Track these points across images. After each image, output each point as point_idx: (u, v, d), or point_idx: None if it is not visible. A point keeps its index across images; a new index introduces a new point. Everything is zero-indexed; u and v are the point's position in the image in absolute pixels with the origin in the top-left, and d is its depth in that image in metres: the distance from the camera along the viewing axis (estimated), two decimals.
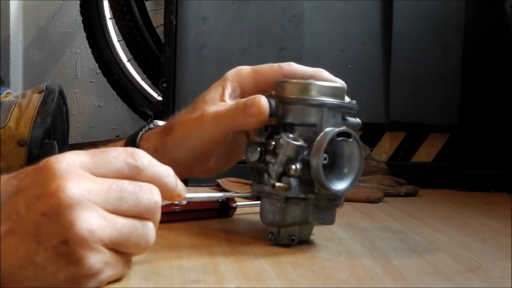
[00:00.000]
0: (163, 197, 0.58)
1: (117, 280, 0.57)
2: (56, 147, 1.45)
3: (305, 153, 0.70)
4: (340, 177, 0.71)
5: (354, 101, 0.76)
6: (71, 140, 1.83)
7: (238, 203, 0.93)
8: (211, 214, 0.90)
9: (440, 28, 1.43)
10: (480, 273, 0.66)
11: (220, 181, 1.20)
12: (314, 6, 1.43)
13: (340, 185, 0.71)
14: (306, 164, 0.69)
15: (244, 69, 0.81)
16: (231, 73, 0.82)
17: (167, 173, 0.58)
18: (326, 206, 0.73)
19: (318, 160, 0.68)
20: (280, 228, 0.73)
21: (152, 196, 0.55)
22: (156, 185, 0.56)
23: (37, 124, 1.43)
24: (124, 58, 2.34)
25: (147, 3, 2.25)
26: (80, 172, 0.53)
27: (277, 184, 0.70)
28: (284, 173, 0.70)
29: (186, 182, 0.87)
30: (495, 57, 1.44)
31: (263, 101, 0.72)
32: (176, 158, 0.79)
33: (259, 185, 0.74)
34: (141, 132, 0.86)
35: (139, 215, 0.54)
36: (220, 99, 0.79)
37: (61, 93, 1.56)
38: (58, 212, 0.50)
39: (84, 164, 0.53)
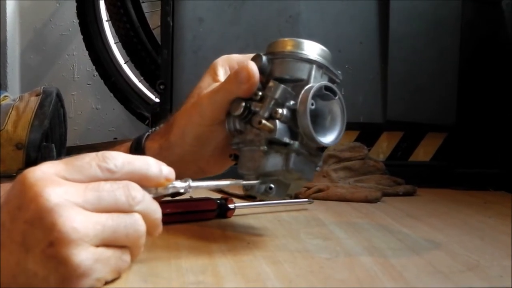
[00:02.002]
0: (151, 186, 0.59)
1: (116, 279, 0.57)
2: (54, 149, 1.45)
3: (292, 102, 0.70)
4: (323, 134, 0.71)
5: (339, 72, 0.77)
6: (69, 143, 1.82)
7: (236, 204, 0.93)
8: (210, 215, 0.90)
9: (436, 28, 1.43)
10: (479, 272, 0.66)
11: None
12: (310, 7, 1.44)
13: (324, 139, 0.70)
14: (292, 113, 0.70)
15: (234, 55, 0.84)
16: (220, 58, 0.83)
17: (145, 164, 0.59)
18: (306, 159, 0.72)
19: (306, 105, 0.68)
20: (258, 176, 0.72)
21: (128, 192, 0.55)
22: (136, 180, 0.57)
23: (34, 127, 1.43)
24: (121, 60, 2.33)
25: (143, 5, 2.25)
26: (56, 178, 0.53)
27: (264, 121, 0.69)
28: (270, 118, 0.70)
29: None
30: (492, 56, 1.44)
31: (251, 65, 0.72)
32: (181, 154, 0.80)
33: (241, 136, 0.74)
34: (147, 133, 0.87)
35: (122, 210, 0.55)
36: (214, 81, 0.81)
37: (58, 95, 1.56)
38: (40, 217, 0.50)
39: (58, 172, 0.54)
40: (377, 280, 0.61)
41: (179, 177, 0.70)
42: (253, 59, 0.74)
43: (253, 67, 0.72)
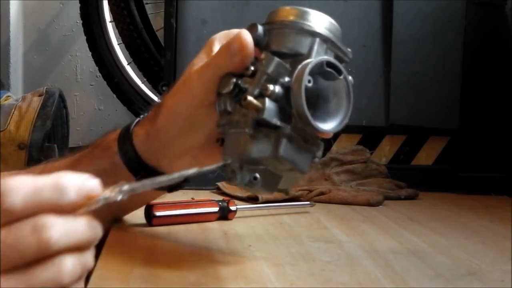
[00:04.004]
0: (68, 213, 0.44)
1: (115, 280, 0.57)
2: (56, 150, 1.45)
3: (287, 79, 0.60)
4: (323, 119, 0.61)
5: (349, 49, 0.69)
6: (71, 143, 1.83)
7: (238, 206, 0.93)
8: (211, 217, 0.90)
9: (440, 31, 1.43)
10: (481, 276, 0.66)
11: (220, 184, 1.20)
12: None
13: (322, 125, 0.60)
14: (286, 91, 0.60)
15: (234, 30, 0.71)
16: (219, 34, 0.75)
17: (56, 190, 0.43)
18: (300, 147, 0.61)
19: (301, 81, 0.58)
20: (242, 163, 0.61)
21: (39, 235, 0.41)
22: (48, 210, 0.42)
23: (37, 128, 1.43)
24: (124, 61, 2.33)
25: (147, 6, 2.26)
26: None
27: (249, 98, 0.59)
28: (260, 96, 0.60)
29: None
30: (495, 60, 1.44)
31: (244, 34, 0.63)
32: (170, 140, 0.71)
33: (228, 116, 0.64)
34: (137, 119, 0.77)
35: (38, 260, 0.42)
36: (208, 58, 0.71)
37: (61, 96, 1.57)
38: None
39: None
40: (378, 284, 0.61)
41: (171, 168, 0.68)
42: (247, 29, 0.65)
43: (247, 37, 0.63)
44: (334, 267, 0.67)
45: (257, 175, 0.61)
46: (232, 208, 0.92)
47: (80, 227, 0.44)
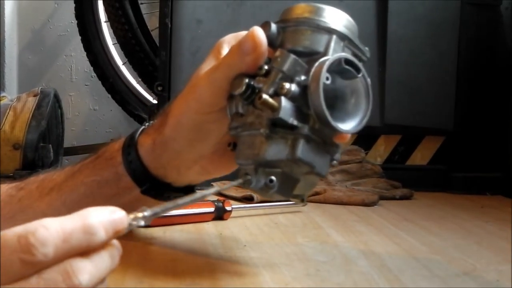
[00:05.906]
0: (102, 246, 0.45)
1: (111, 280, 0.57)
2: (51, 150, 1.45)
3: (303, 77, 0.57)
4: (342, 120, 0.57)
5: (367, 48, 0.66)
6: (66, 144, 1.82)
7: (233, 206, 0.93)
8: (207, 217, 0.90)
9: (435, 31, 1.43)
10: (476, 276, 0.66)
11: (215, 184, 1.20)
12: None
13: (341, 125, 0.57)
14: (303, 90, 0.57)
15: (243, 32, 0.66)
16: (227, 36, 0.71)
17: (86, 233, 0.43)
18: (319, 148, 0.58)
19: (319, 79, 0.55)
20: (257, 167, 0.58)
21: (70, 282, 0.42)
22: (81, 251, 0.43)
23: (32, 128, 1.43)
24: (119, 61, 2.33)
25: (142, 6, 2.25)
26: None
27: (264, 96, 0.56)
28: (275, 95, 0.57)
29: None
30: (491, 60, 1.44)
31: (257, 31, 0.60)
32: (178, 150, 0.67)
33: (241, 118, 0.61)
34: (142, 127, 0.73)
35: None
36: (217, 61, 0.67)
37: (56, 96, 1.57)
38: None
39: None
40: (373, 284, 0.61)
41: (179, 179, 0.68)
42: (261, 27, 0.61)
43: (260, 34, 0.60)
44: (329, 267, 0.67)
45: (273, 178, 0.57)
46: (228, 208, 0.92)
47: (105, 262, 0.45)
